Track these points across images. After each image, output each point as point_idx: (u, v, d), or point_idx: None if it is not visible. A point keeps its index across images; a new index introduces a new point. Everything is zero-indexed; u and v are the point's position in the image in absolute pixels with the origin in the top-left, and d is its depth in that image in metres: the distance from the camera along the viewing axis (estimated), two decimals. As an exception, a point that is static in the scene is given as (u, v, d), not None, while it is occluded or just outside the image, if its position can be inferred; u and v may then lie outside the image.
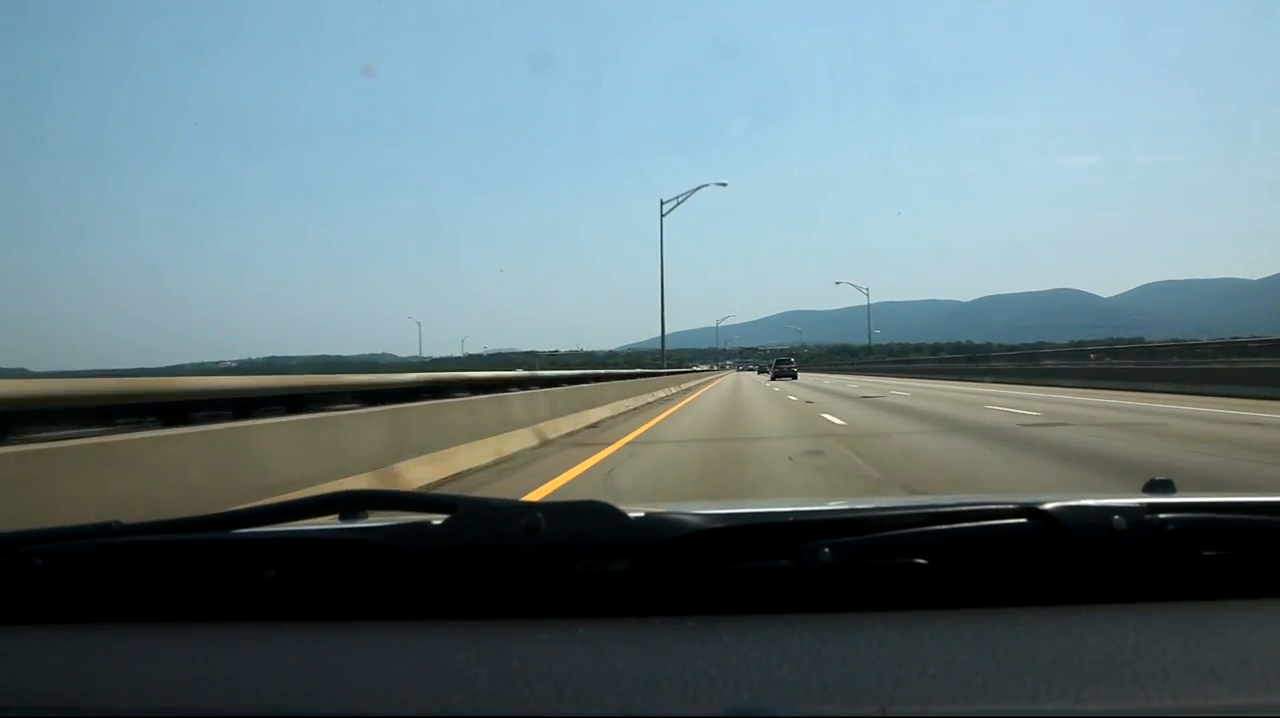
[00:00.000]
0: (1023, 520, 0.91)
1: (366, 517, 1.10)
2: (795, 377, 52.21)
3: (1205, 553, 0.92)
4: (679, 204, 37.79)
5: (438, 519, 0.93)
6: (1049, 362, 32.82)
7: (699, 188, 38.76)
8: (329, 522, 1.07)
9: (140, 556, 0.96)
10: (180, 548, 0.98)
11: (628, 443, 10.96)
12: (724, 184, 41.75)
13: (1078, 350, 35.16)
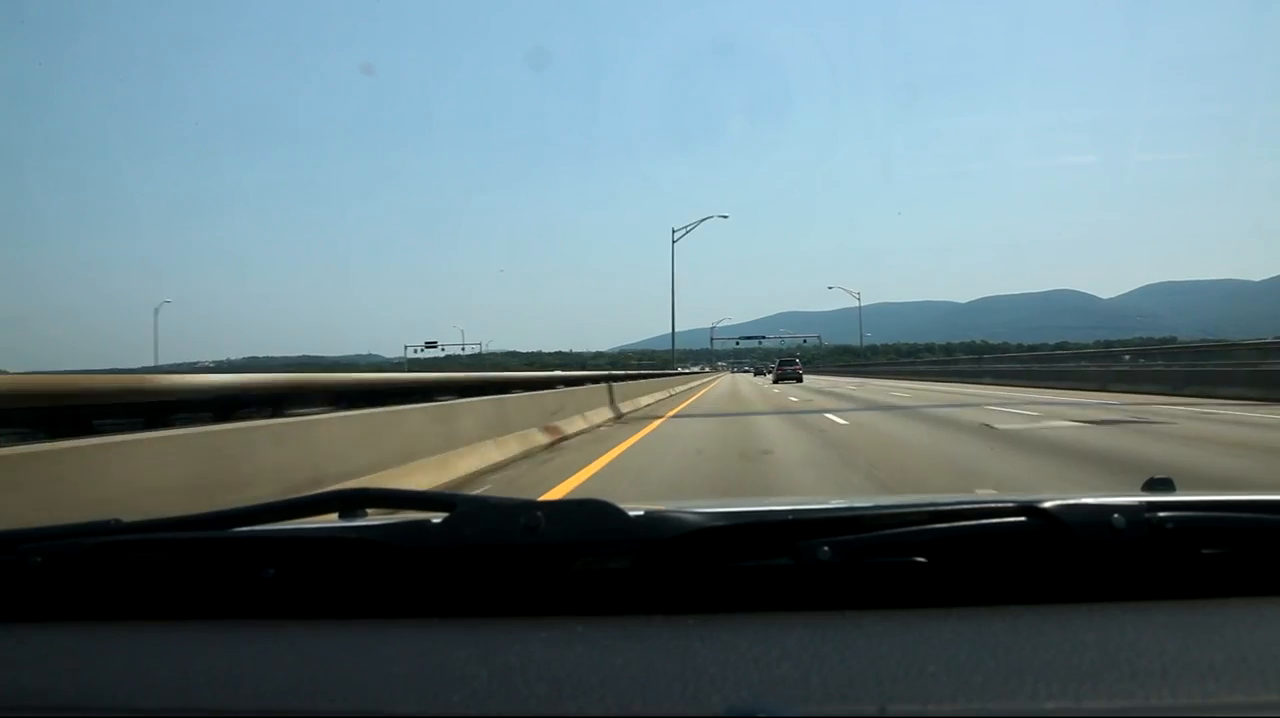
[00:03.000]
0: (1022, 519, 0.92)
1: (366, 515, 1.10)
2: (800, 379, 46.64)
3: (1204, 551, 0.92)
4: (687, 233, 39.89)
5: (437, 517, 0.93)
6: (1077, 363, 30.32)
7: (705, 219, 41.48)
8: (328, 520, 1.07)
9: (140, 553, 0.96)
10: (180, 546, 0.97)
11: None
12: (726, 216, 43.87)
13: (1107, 352, 32.61)
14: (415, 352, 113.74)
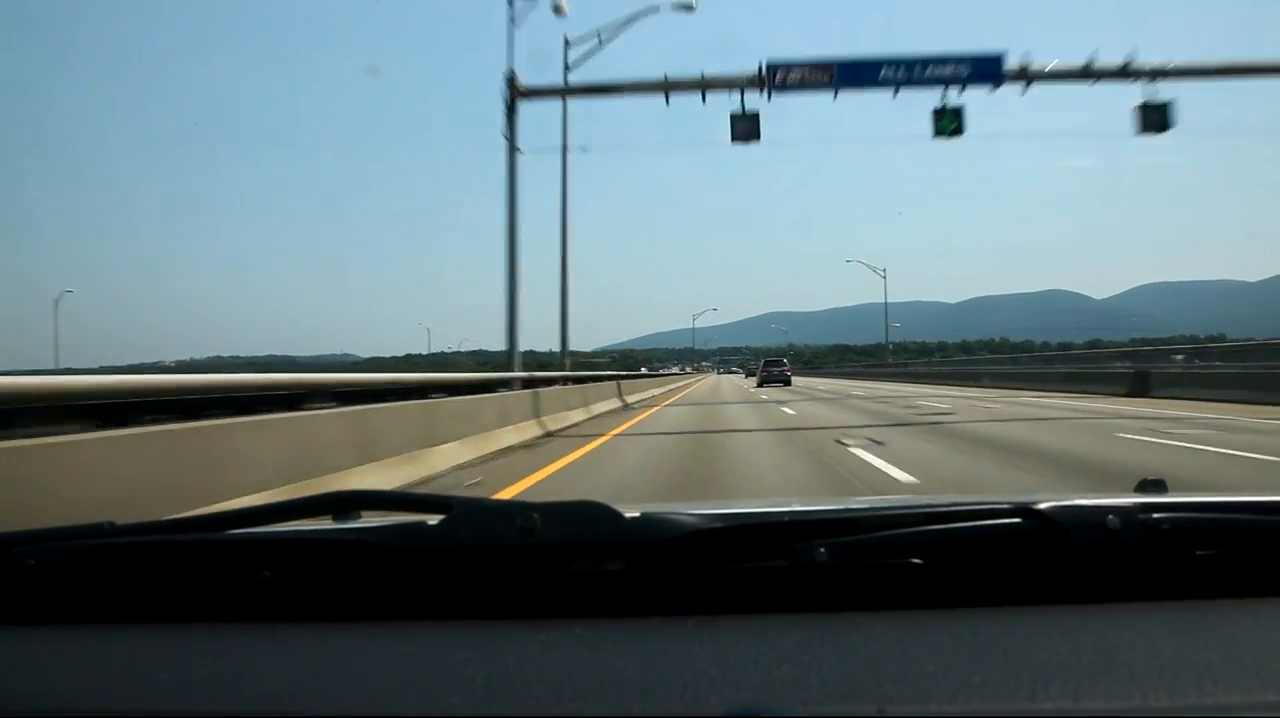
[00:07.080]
0: (1017, 520, 0.92)
1: (360, 517, 1.10)
2: (789, 382, 41.46)
3: (1199, 552, 0.92)
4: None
5: (433, 520, 0.93)
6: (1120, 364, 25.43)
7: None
8: (323, 522, 1.07)
9: (134, 556, 0.96)
10: (174, 549, 0.97)
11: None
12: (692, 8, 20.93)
13: (1155, 350, 26.96)
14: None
